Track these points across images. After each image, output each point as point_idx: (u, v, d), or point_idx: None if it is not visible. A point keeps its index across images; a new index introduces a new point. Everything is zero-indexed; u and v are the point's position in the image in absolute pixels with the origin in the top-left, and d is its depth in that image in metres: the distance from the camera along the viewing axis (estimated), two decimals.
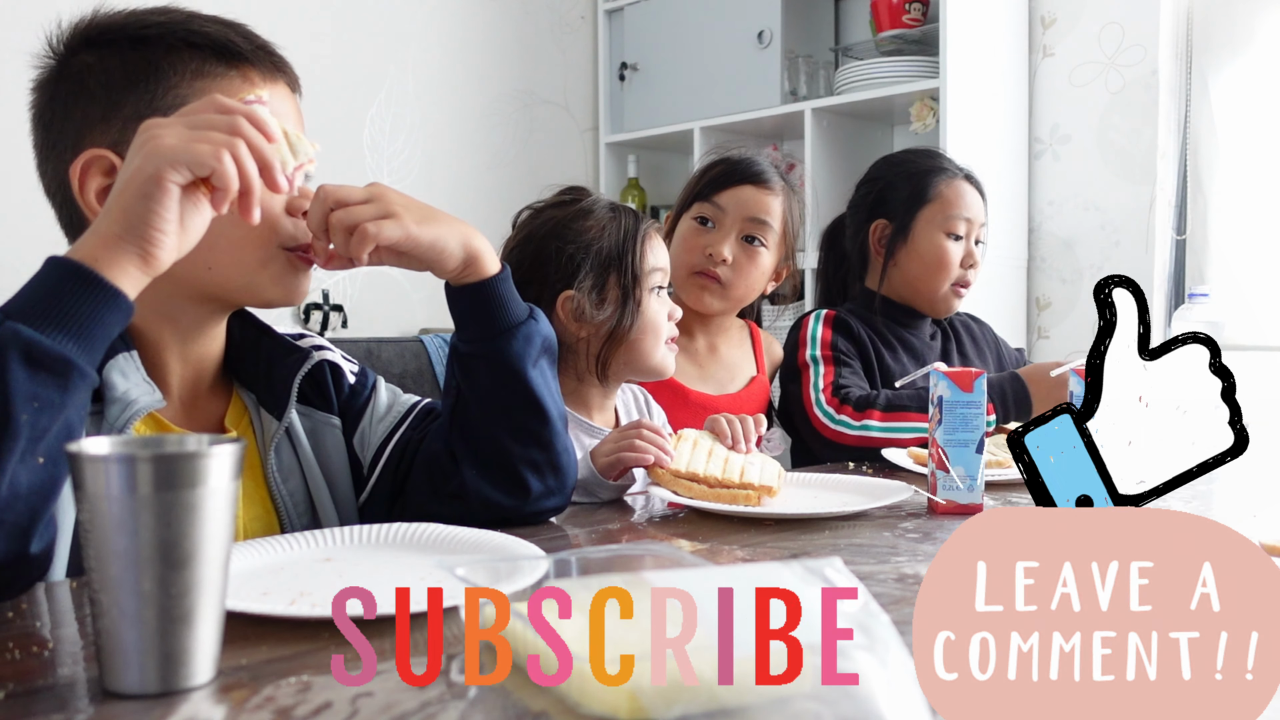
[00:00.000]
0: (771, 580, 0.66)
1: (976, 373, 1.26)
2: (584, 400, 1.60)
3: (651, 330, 1.57)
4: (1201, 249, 3.29)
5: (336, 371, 1.23)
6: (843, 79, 3.56)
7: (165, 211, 0.85)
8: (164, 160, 0.84)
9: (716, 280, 1.88)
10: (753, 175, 1.90)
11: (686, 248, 1.91)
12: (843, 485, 1.42)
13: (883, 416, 1.82)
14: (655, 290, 1.58)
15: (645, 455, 1.31)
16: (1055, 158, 3.49)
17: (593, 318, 1.53)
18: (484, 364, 1.13)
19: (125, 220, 0.84)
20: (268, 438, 1.14)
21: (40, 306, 0.82)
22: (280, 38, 1.14)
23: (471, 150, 3.88)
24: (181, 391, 1.11)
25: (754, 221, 1.89)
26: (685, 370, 1.92)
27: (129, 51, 1.05)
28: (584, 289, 1.53)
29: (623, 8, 4.11)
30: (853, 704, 0.61)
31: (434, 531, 1.04)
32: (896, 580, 0.94)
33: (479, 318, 1.13)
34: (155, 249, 0.85)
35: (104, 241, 0.84)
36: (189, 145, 0.84)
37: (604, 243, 1.56)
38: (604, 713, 0.60)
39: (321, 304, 3.48)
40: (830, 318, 2.02)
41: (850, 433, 1.83)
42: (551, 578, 0.80)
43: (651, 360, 1.58)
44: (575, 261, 1.54)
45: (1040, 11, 3.51)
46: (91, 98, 1.04)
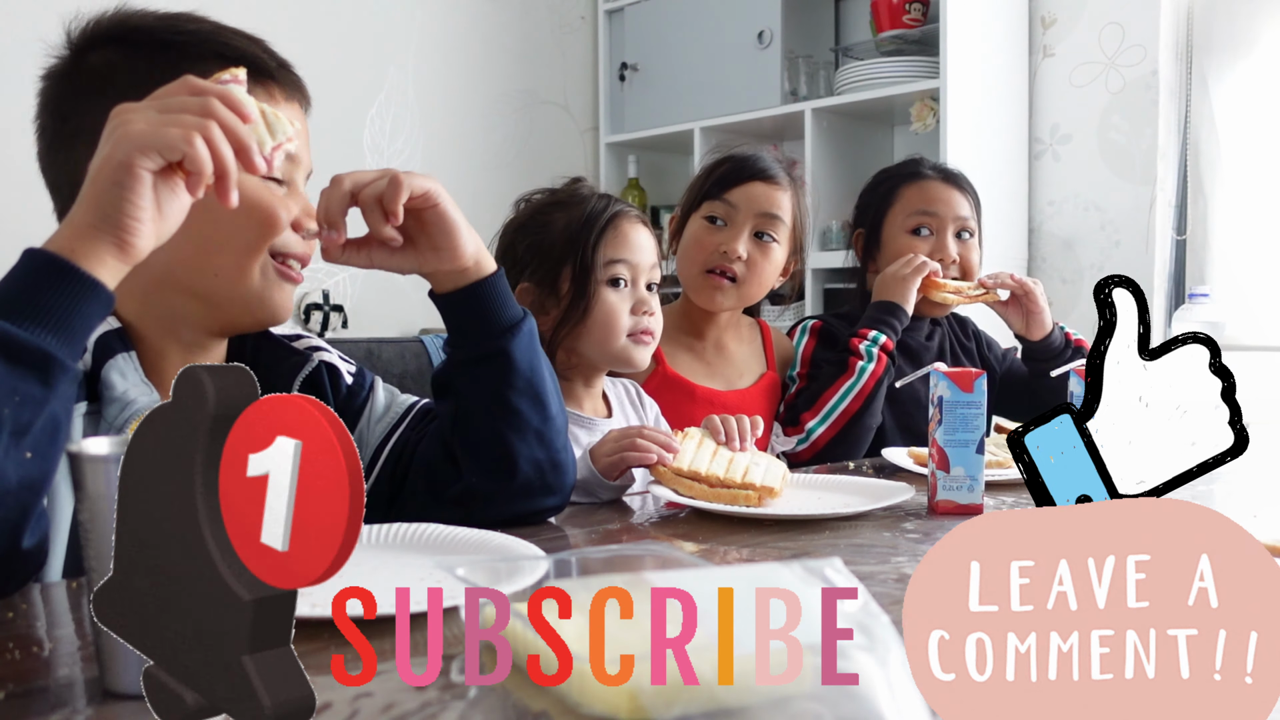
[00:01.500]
0: (771, 580, 0.66)
1: (977, 373, 1.26)
2: (568, 392, 1.61)
3: (603, 324, 1.56)
4: (1202, 249, 3.29)
5: (334, 373, 1.22)
6: (843, 79, 3.56)
7: (139, 199, 0.83)
8: (133, 146, 0.82)
9: (731, 278, 1.88)
10: (761, 171, 1.90)
11: (699, 248, 1.90)
12: (844, 486, 1.42)
13: (812, 412, 1.89)
14: (614, 282, 1.57)
15: (648, 455, 1.31)
16: (1055, 158, 3.49)
17: (546, 310, 1.57)
18: (492, 364, 1.12)
19: (99, 209, 0.83)
20: None
21: (18, 300, 0.81)
22: (280, 39, 1.14)
23: (472, 151, 3.88)
24: None
25: (766, 217, 1.89)
26: (692, 367, 1.92)
27: (157, 54, 1.05)
28: (536, 280, 1.58)
29: (623, 8, 4.11)
30: (853, 704, 0.61)
31: (434, 531, 1.03)
32: (896, 580, 0.94)
33: (486, 316, 1.12)
34: (131, 237, 0.83)
35: (79, 232, 0.83)
36: (159, 130, 0.83)
37: (556, 234, 1.57)
38: (604, 713, 0.60)
39: (322, 304, 3.48)
40: (816, 328, 2.06)
41: (804, 446, 1.89)
42: (551, 578, 0.80)
43: (606, 353, 1.58)
44: (533, 253, 1.58)
45: (1040, 12, 3.51)
46: (116, 96, 1.03)
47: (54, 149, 1.08)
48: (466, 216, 1.11)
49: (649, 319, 1.59)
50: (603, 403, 1.68)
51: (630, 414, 1.71)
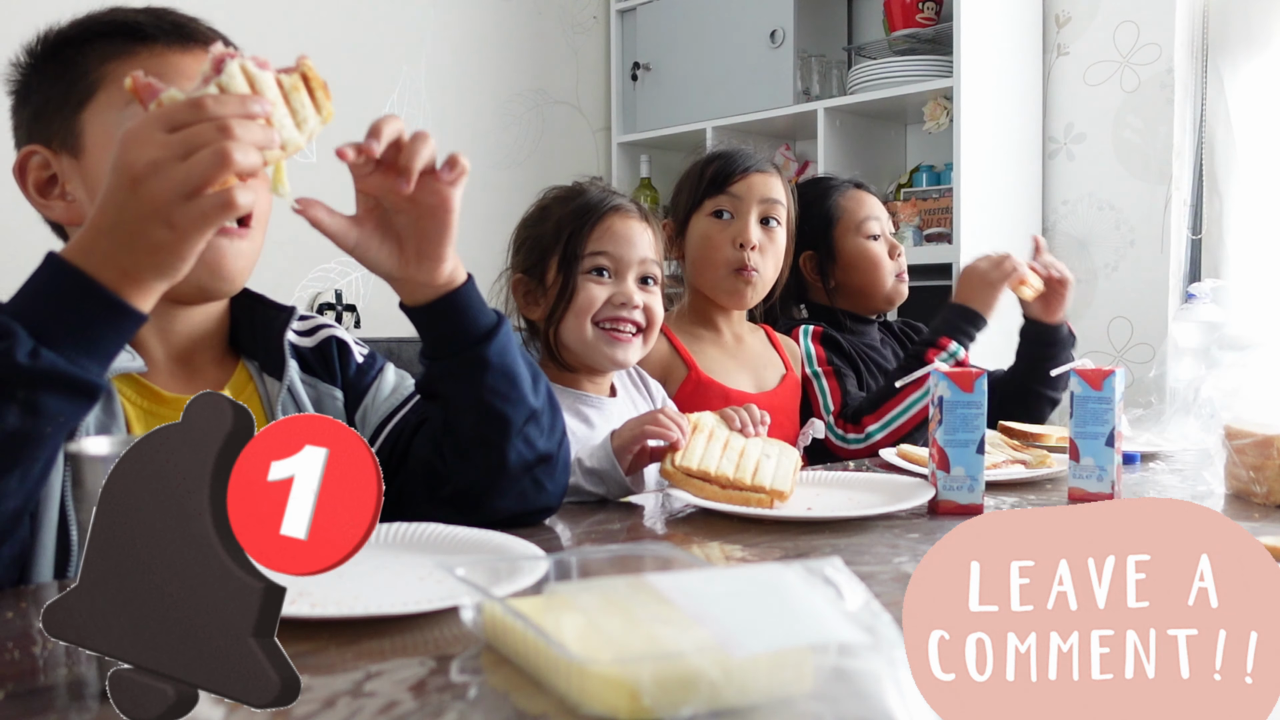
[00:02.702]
0: (772, 580, 0.66)
1: (977, 372, 1.26)
2: (574, 381, 1.63)
3: (575, 312, 1.57)
4: (1217, 248, 3.27)
5: (344, 348, 1.25)
6: (856, 78, 3.56)
7: (196, 246, 0.84)
8: (175, 213, 0.81)
9: (755, 271, 1.88)
10: (756, 162, 1.93)
11: (713, 245, 1.90)
12: (850, 483, 1.41)
13: (874, 417, 1.91)
14: (597, 272, 1.57)
15: (669, 431, 1.31)
16: (1070, 157, 3.48)
17: (537, 301, 1.61)
18: (471, 371, 1.11)
19: (152, 254, 0.83)
20: (273, 400, 1.16)
21: (74, 334, 0.83)
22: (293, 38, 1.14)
23: (484, 150, 3.89)
24: (170, 362, 1.12)
25: (769, 202, 1.90)
26: (722, 364, 1.91)
27: (56, 52, 1.10)
28: (527, 271, 1.62)
29: (635, 7, 4.11)
30: (855, 704, 0.60)
31: (434, 531, 1.04)
32: (896, 580, 0.94)
33: (460, 326, 1.11)
34: (182, 271, 0.86)
35: (129, 274, 0.84)
36: (192, 203, 0.81)
37: (549, 227, 1.59)
38: (604, 713, 0.60)
39: (334, 304, 3.49)
40: (818, 334, 2.08)
41: (859, 447, 1.91)
42: (552, 578, 0.80)
43: (581, 343, 1.57)
44: (530, 246, 1.62)
45: (1054, 10, 3.49)
46: (25, 100, 1.11)
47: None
48: (477, 215, 1.10)
49: (629, 310, 1.57)
50: (608, 385, 1.68)
51: (635, 395, 1.72)
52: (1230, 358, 1.68)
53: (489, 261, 1.60)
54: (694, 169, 1.97)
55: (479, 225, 3.79)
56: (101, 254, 0.84)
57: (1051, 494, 1.38)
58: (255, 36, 1.14)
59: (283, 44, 1.12)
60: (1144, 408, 1.86)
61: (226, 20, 1.17)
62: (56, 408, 0.82)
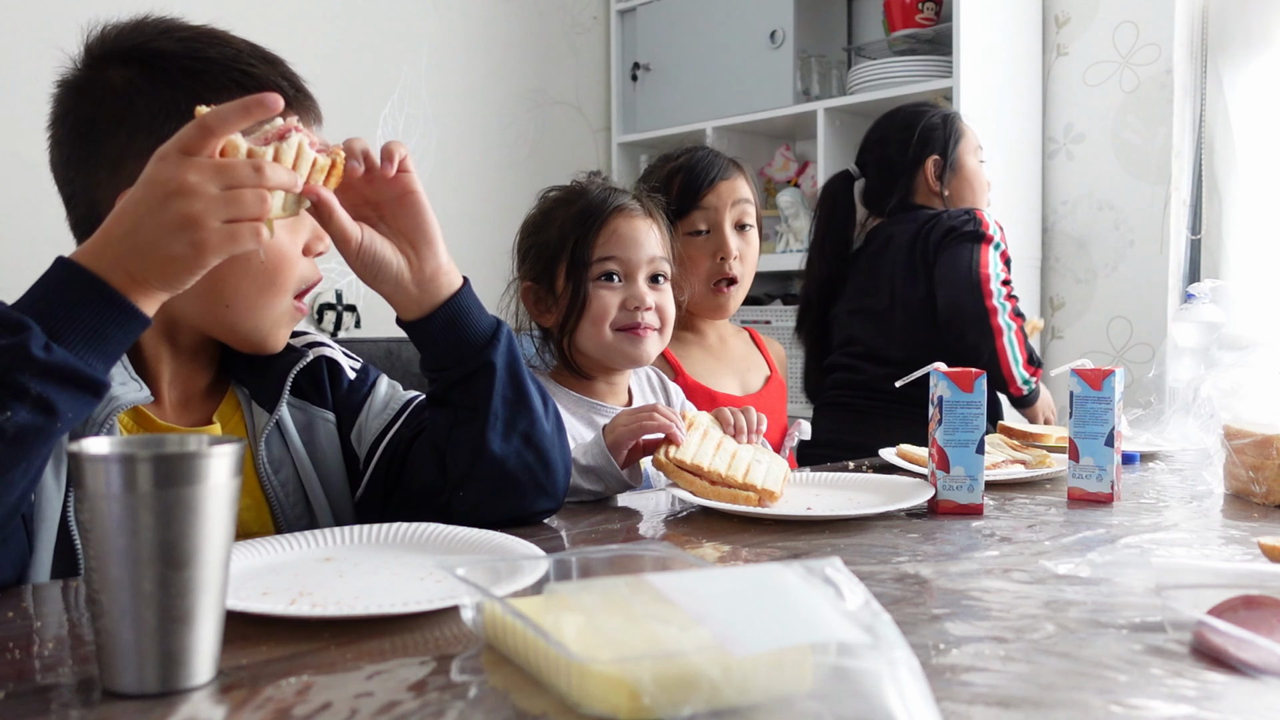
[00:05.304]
0: (771, 580, 0.66)
1: (977, 372, 1.25)
2: (590, 388, 1.62)
3: (592, 320, 1.56)
4: (1216, 248, 3.27)
5: (334, 368, 1.24)
6: (855, 79, 3.56)
7: (205, 266, 0.88)
8: (204, 231, 0.85)
9: (733, 281, 1.89)
10: (721, 169, 1.93)
11: (693, 262, 1.90)
12: (850, 484, 1.41)
13: (1035, 371, 2.32)
14: (607, 278, 1.57)
15: (667, 424, 1.31)
16: (1069, 157, 3.48)
17: (548, 308, 1.59)
18: (477, 378, 1.12)
19: (164, 267, 0.86)
20: (259, 430, 1.16)
21: (85, 332, 0.85)
22: (293, 40, 1.14)
23: (484, 151, 3.89)
24: (173, 392, 1.13)
25: (741, 204, 1.93)
26: (709, 366, 1.92)
27: (179, 82, 1.06)
28: (536, 279, 1.61)
29: (635, 8, 4.11)
30: (854, 703, 0.60)
31: (434, 531, 1.04)
32: (896, 580, 0.94)
33: (465, 332, 1.11)
34: (189, 284, 0.89)
35: (138, 282, 0.87)
36: (226, 224, 0.86)
37: (554, 233, 1.58)
38: (604, 712, 0.60)
39: (335, 304, 3.49)
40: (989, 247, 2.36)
41: (1030, 392, 2.34)
42: (552, 578, 0.80)
43: (601, 349, 1.57)
44: (536, 252, 1.61)
45: (1054, 10, 3.50)
46: (137, 123, 1.05)
47: (71, 164, 1.09)
48: (477, 216, 1.11)
49: (642, 314, 1.57)
50: (626, 395, 1.68)
51: (654, 399, 1.72)
52: (1229, 358, 1.68)
53: (490, 261, 1.61)
54: (660, 179, 1.95)
55: (479, 225, 3.81)
56: (111, 258, 0.86)
57: (1051, 494, 1.38)
58: (256, 37, 1.13)
59: (283, 44, 1.11)
60: (1143, 408, 1.86)
61: (228, 20, 1.17)
62: (65, 403, 0.83)
